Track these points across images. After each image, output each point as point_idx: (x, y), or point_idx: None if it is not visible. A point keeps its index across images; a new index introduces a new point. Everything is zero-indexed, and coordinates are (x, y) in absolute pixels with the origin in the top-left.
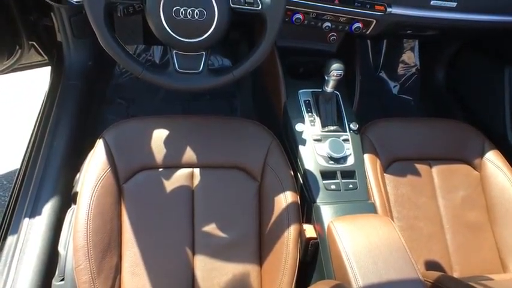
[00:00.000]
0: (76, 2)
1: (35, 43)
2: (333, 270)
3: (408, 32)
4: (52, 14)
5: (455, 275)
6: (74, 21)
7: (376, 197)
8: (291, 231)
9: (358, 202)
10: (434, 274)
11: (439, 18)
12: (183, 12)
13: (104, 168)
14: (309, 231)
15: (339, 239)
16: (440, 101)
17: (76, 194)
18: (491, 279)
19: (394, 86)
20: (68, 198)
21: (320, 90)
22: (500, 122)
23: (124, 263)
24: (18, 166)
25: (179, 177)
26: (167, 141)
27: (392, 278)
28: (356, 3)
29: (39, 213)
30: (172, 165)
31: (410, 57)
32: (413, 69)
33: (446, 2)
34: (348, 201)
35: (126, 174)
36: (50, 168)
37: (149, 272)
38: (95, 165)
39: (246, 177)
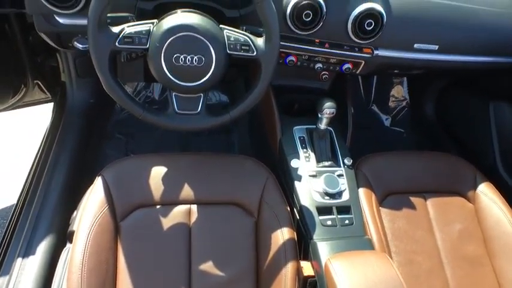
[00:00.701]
0: (82, 48)
1: (39, 82)
2: None
3: (396, 71)
4: (58, 55)
5: None
6: (79, 62)
7: (372, 232)
8: (289, 269)
9: (355, 238)
10: None
11: (423, 60)
12: (183, 59)
13: (102, 206)
14: (307, 268)
15: (337, 278)
16: (431, 133)
17: (72, 233)
18: None
19: (386, 119)
20: (64, 237)
21: (314, 126)
22: (490, 154)
23: None
24: (15, 202)
25: (176, 214)
26: (165, 179)
27: None
28: (345, 47)
29: (33, 253)
30: (169, 202)
31: (399, 91)
32: (404, 103)
33: (429, 45)
34: (344, 237)
35: (123, 211)
36: (47, 206)
37: None
38: (93, 203)
39: (242, 213)
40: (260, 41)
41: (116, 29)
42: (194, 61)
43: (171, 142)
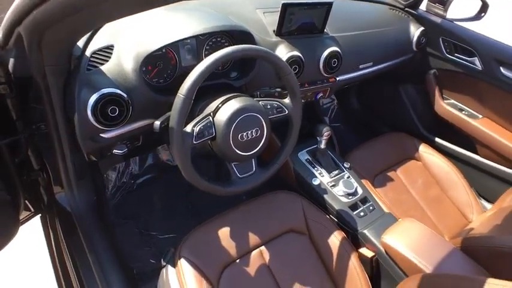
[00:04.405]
0: (122, 153)
1: (26, 200)
2: (401, 269)
3: (346, 86)
4: (48, 167)
5: (446, 236)
6: (78, 164)
7: (384, 208)
8: (353, 260)
9: (382, 217)
10: (457, 240)
11: (365, 73)
12: (246, 134)
13: (200, 280)
14: (366, 252)
15: (396, 245)
16: (361, 121)
17: None
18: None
19: (326, 119)
20: None
21: (311, 147)
22: (412, 123)
23: None
24: None
25: (254, 260)
26: (231, 235)
27: (443, 255)
28: (318, 82)
29: None
30: (244, 252)
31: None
32: (334, 103)
33: (367, 63)
34: (376, 219)
35: (215, 277)
36: None
37: None
38: (192, 283)
39: (297, 235)
40: (286, 101)
41: (188, 129)
42: (254, 133)
43: (175, 205)
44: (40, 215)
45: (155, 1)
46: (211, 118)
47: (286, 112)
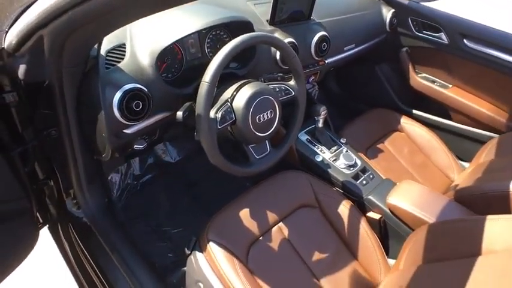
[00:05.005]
0: (143, 147)
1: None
2: (407, 225)
3: (332, 68)
4: (57, 174)
5: None
6: (88, 168)
7: (381, 175)
8: (363, 224)
9: (383, 183)
10: (449, 194)
11: (349, 55)
12: (263, 116)
13: (231, 259)
14: (373, 215)
15: (401, 204)
16: (341, 102)
17: None
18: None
19: None
20: None
21: (309, 127)
22: (392, 100)
23: None
24: None
25: (275, 236)
26: (251, 216)
27: (442, 207)
28: (310, 66)
29: None
30: (265, 230)
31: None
32: (316, 87)
33: (351, 45)
34: (377, 185)
35: (243, 255)
36: None
37: None
38: (227, 266)
39: (309, 209)
40: (292, 83)
41: (212, 115)
42: (269, 114)
43: (182, 201)
44: (47, 225)
45: (173, 1)
46: (229, 104)
47: (293, 94)
